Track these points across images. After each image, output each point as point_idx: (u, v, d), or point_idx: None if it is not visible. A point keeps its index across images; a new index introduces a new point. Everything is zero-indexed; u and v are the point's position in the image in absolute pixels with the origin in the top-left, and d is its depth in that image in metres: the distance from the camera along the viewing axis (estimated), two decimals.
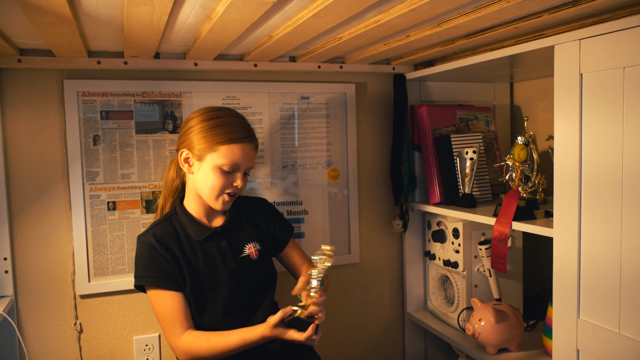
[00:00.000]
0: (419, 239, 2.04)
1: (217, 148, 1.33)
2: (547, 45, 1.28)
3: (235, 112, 1.42)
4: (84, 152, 1.62)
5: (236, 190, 1.38)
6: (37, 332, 1.62)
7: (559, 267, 1.29)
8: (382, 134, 2.00)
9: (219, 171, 1.34)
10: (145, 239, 1.39)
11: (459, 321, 1.81)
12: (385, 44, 1.54)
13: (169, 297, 1.36)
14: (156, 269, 1.36)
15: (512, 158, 1.56)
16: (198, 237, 1.41)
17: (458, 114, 1.95)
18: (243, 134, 1.36)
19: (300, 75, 1.86)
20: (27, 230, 1.59)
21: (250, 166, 1.40)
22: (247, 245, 1.48)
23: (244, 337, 1.31)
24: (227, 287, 1.42)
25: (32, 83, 1.56)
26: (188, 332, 1.35)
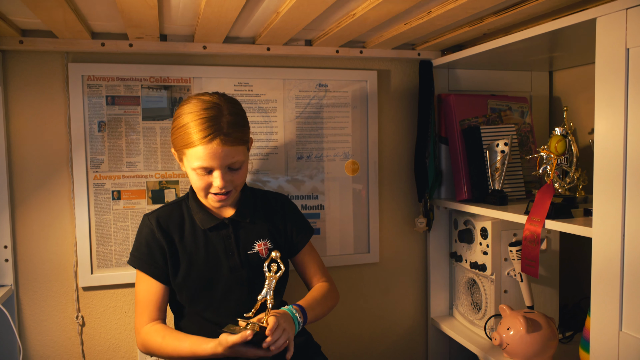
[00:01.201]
0: (444, 239, 1.89)
1: (184, 151, 1.23)
2: (588, 19, 1.13)
3: (210, 103, 1.22)
4: (88, 139, 1.55)
5: (221, 190, 1.25)
6: (39, 324, 1.57)
7: (598, 271, 1.13)
8: (405, 125, 1.86)
9: (195, 172, 1.24)
10: (149, 221, 1.33)
11: (485, 330, 1.65)
12: (406, 24, 1.41)
13: (148, 284, 1.31)
14: (147, 254, 1.31)
15: (548, 150, 1.40)
16: (203, 225, 1.33)
17: (489, 104, 1.80)
18: (203, 133, 1.18)
19: (317, 61, 1.74)
20: (29, 218, 1.54)
21: (228, 163, 1.22)
22: (257, 242, 1.37)
23: (193, 349, 1.20)
24: (226, 283, 1.32)
25: (36, 66, 1.51)
26: (153, 324, 1.29)
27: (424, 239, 1.91)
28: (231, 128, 1.21)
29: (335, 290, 1.47)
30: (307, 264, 1.46)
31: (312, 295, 1.39)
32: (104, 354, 1.62)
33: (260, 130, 1.70)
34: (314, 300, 1.36)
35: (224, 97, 1.26)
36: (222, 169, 1.22)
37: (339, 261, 1.80)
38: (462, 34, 1.52)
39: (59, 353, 1.59)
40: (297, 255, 1.45)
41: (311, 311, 1.32)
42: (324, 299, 1.40)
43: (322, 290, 1.42)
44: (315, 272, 1.46)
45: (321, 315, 1.37)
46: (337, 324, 1.83)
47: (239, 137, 1.23)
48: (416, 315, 1.93)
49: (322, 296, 1.40)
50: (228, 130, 1.20)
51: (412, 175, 1.86)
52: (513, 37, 1.36)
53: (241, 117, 1.27)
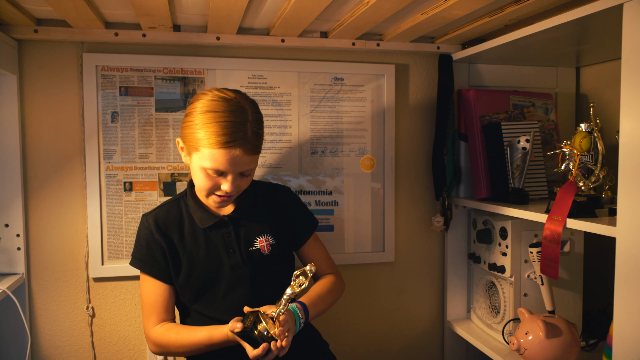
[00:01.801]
0: (462, 239, 1.82)
1: (201, 149, 1.16)
2: (614, 4, 1.06)
3: (236, 105, 1.17)
4: (101, 129, 1.55)
5: (226, 194, 1.21)
6: (49, 314, 1.57)
7: (622, 272, 1.06)
8: (424, 121, 1.81)
9: (204, 172, 1.18)
10: (147, 221, 1.30)
11: (503, 334, 1.58)
12: (423, 13, 1.36)
13: (153, 286, 1.29)
14: (148, 255, 1.28)
15: (571, 145, 1.33)
16: (202, 224, 1.29)
17: (512, 100, 1.73)
18: (228, 137, 1.13)
19: (333, 54, 1.71)
20: (41, 207, 1.54)
21: (243, 170, 1.19)
22: (259, 238, 1.33)
23: (210, 334, 1.19)
24: (229, 281, 1.29)
25: (51, 56, 1.52)
26: (162, 324, 1.27)
27: (441, 239, 1.85)
28: (254, 137, 1.18)
29: (341, 282, 1.43)
30: (313, 256, 1.42)
31: (317, 291, 1.35)
32: (113, 345, 1.62)
33: (274, 124, 1.67)
34: (317, 297, 1.33)
35: (246, 98, 1.22)
36: (235, 175, 1.19)
37: (353, 259, 1.76)
38: (482, 25, 1.46)
39: (69, 343, 1.59)
40: (301, 248, 1.42)
41: (313, 308, 1.29)
42: (328, 294, 1.37)
43: (327, 284, 1.38)
44: (321, 265, 1.43)
45: (324, 310, 1.34)
46: (348, 323, 1.78)
47: (259, 146, 1.21)
48: (432, 318, 1.87)
49: (327, 291, 1.36)
50: (251, 139, 1.17)
51: (429, 172, 1.80)
52: (536, 27, 1.30)
53: (262, 123, 1.24)
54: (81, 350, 1.60)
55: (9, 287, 1.37)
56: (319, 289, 1.36)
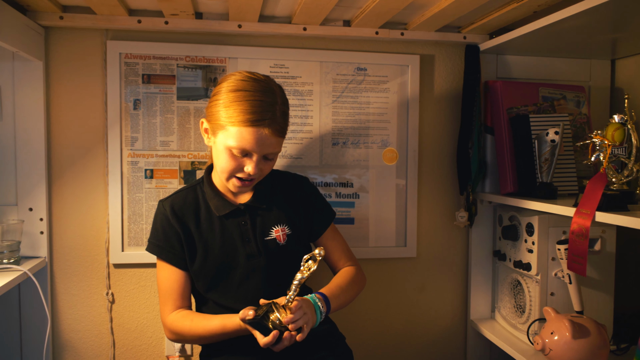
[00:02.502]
0: (487, 235, 1.77)
1: (227, 128, 1.15)
2: None
3: (266, 85, 1.18)
4: (123, 116, 1.56)
5: (248, 177, 1.20)
6: (70, 298, 1.59)
7: None
8: (448, 114, 1.76)
9: (229, 152, 1.17)
10: (163, 207, 1.30)
11: (528, 334, 1.52)
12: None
13: (169, 272, 1.28)
14: (164, 241, 1.28)
15: (602, 136, 1.27)
16: (218, 212, 1.28)
17: (541, 92, 1.67)
18: (258, 116, 1.13)
19: (356, 44, 1.68)
20: (65, 192, 1.56)
21: (270, 152, 1.19)
22: (275, 227, 1.31)
23: (224, 323, 1.18)
24: (243, 270, 1.27)
25: (76, 43, 1.54)
26: (178, 311, 1.27)
27: (465, 235, 1.80)
28: (282, 118, 1.18)
29: (361, 274, 1.39)
30: (331, 248, 1.39)
31: (337, 283, 1.32)
32: (132, 332, 1.63)
33: (295, 114, 1.65)
34: (338, 288, 1.29)
35: (273, 82, 1.22)
36: (260, 156, 1.18)
37: (373, 254, 1.73)
38: (510, 12, 1.41)
39: (88, 328, 1.60)
40: (319, 239, 1.39)
41: (335, 300, 1.25)
42: (350, 286, 1.33)
43: (347, 275, 1.35)
44: (340, 257, 1.39)
45: (346, 303, 1.31)
46: (367, 318, 1.75)
47: (285, 129, 1.21)
48: (454, 316, 1.82)
49: (348, 283, 1.33)
50: (280, 120, 1.17)
51: (454, 166, 1.75)
52: (567, 12, 1.24)
53: (288, 107, 1.24)
54: (100, 335, 1.61)
55: (31, 270, 1.39)
56: (339, 280, 1.33)
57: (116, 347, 1.62)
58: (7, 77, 1.48)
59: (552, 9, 1.38)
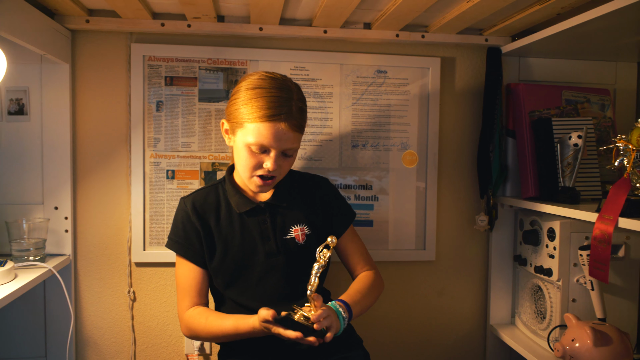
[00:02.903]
0: (508, 239, 1.75)
1: (245, 125, 1.17)
2: None
3: (282, 83, 1.20)
4: (146, 118, 1.59)
5: (269, 173, 1.21)
6: (93, 295, 1.62)
7: None
8: (469, 117, 1.75)
9: (248, 150, 1.19)
10: (184, 204, 1.32)
11: (549, 340, 1.50)
12: (469, 1, 1.31)
13: (188, 269, 1.30)
14: (184, 238, 1.30)
15: (627, 140, 1.24)
16: (239, 209, 1.29)
17: (564, 95, 1.64)
18: (274, 111, 1.14)
19: (376, 47, 1.68)
20: (89, 192, 1.60)
21: (288, 147, 1.20)
22: (294, 227, 1.32)
23: (237, 324, 1.19)
24: (262, 269, 1.29)
25: (102, 46, 1.57)
26: (194, 308, 1.28)
27: (485, 239, 1.78)
28: (298, 113, 1.19)
29: (380, 279, 1.39)
30: (350, 251, 1.39)
31: (356, 288, 1.32)
32: (152, 330, 1.65)
33: (315, 116, 1.66)
34: (358, 294, 1.29)
35: (290, 81, 1.24)
36: (278, 152, 1.19)
37: (392, 256, 1.72)
38: (532, 14, 1.40)
39: (110, 325, 1.64)
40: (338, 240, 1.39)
41: (356, 306, 1.24)
42: (369, 291, 1.32)
43: (366, 281, 1.35)
44: (359, 260, 1.39)
45: (366, 308, 1.30)
46: (386, 321, 1.75)
47: (302, 125, 1.22)
48: (473, 321, 1.80)
49: (367, 288, 1.33)
50: (296, 114, 1.18)
51: (474, 169, 1.74)
52: (592, 13, 1.22)
53: (305, 104, 1.25)
54: (122, 332, 1.64)
55: (55, 267, 1.43)
56: (358, 286, 1.33)
57: (137, 344, 1.65)
58: (35, 79, 1.52)
59: (577, 10, 1.36)
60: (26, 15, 1.26)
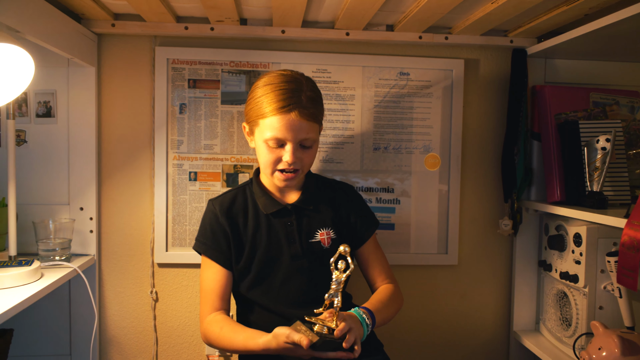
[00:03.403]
0: (533, 244, 1.72)
1: (259, 122, 1.20)
2: None
3: (291, 77, 1.22)
4: (170, 120, 1.61)
5: (289, 167, 1.21)
6: (117, 295, 1.65)
7: None
8: (493, 119, 1.72)
9: (266, 146, 1.21)
10: (213, 206, 1.33)
11: (574, 349, 1.46)
12: (493, 2, 1.29)
13: (213, 271, 1.30)
14: (211, 239, 1.30)
15: None
16: (266, 210, 1.30)
17: (592, 97, 1.61)
18: (282, 103, 1.17)
19: (399, 49, 1.67)
20: (113, 193, 1.62)
21: (303, 138, 1.20)
22: (320, 230, 1.32)
23: (246, 342, 1.17)
24: (287, 271, 1.29)
25: (127, 49, 1.60)
26: (216, 314, 1.27)
27: (509, 244, 1.75)
28: (309, 102, 1.20)
29: (400, 293, 1.38)
30: (372, 262, 1.38)
31: (378, 298, 1.31)
32: (174, 330, 1.67)
33: (336, 118, 1.66)
34: (380, 303, 1.28)
35: (303, 75, 1.25)
36: (295, 144, 1.20)
37: (413, 260, 1.71)
38: (559, 15, 1.37)
39: (133, 325, 1.66)
40: (361, 248, 1.38)
41: (379, 314, 1.24)
42: (390, 302, 1.31)
43: (387, 292, 1.33)
44: (380, 272, 1.38)
45: (387, 320, 1.29)
46: (407, 326, 1.73)
47: (315, 114, 1.22)
48: (496, 327, 1.77)
49: (388, 299, 1.31)
50: (307, 104, 1.19)
51: (498, 172, 1.71)
52: (622, 14, 1.19)
53: (319, 95, 1.26)
54: (144, 332, 1.66)
55: (80, 267, 1.45)
56: (380, 296, 1.32)
57: (159, 344, 1.67)
58: (62, 82, 1.55)
59: (605, 11, 1.33)
60: (54, 20, 1.29)
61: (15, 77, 1.16)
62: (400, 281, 1.70)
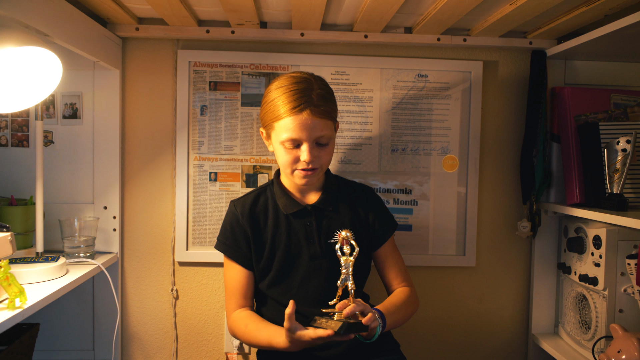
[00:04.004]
0: (552, 247, 1.71)
1: (274, 125, 1.23)
2: None
3: (300, 77, 1.24)
4: (191, 122, 1.64)
5: (307, 165, 1.23)
6: (139, 292, 1.68)
7: None
8: (512, 121, 1.72)
9: (283, 147, 1.23)
10: (235, 207, 1.36)
11: (594, 352, 1.45)
12: (512, 3, 1.29)
13: (235, 271, 1.33)
14: (232, 239, 1.34)
15: None
16: (286, 210, 1.32)
17: (613, 99, 1.59)
18: (294, 104, 1.19)
19: (417, 51, 1.68)
20: (136, 192, 1.66)
21: (318, 136, 1.21)
22: (339, 231, 1.33)
23: (270, 339, 1.21)
24: (306, 270, 1.30)
25: (150, 52, 1.64)
26: (240, 310, 1.31)
27: (528, 246, 1.74)
28: (321, 100, 1.22)
29: (416, 297, 1.38)
30: (389, 264, 1.38)
31: (392, 302, 1.31)
32: (193, 328, 1.70)
33: (354, 120, 1.67)
34: (393, 306, 1.28)
35: (312, 75, 1.27)
36: (311, 142, 1.21)
37: (431, 261, 1.71)
38: (579, 16, 1.36)
39: (154, 322, 1.69)
40: (378, 250, 1.38)
41: (390, 317, 1.24)
42: (405, 306, 1.31)
43: (402, 296, 1.34)
44: (397, 276, 1.38)
45: (400, 322, 1.29)
46: (424, 327, 1.73)
47: (327, 111, 1.23)
48: (515, 329, 1.76)
49: (403, 302, 1.31)
50: (318, 102, 1.21)
51: (516, 174, 1.71)
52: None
53: (330, 93, 1.27)
54: (165, 329, 1.70)
55: (104, 264, 1.49)
56: (394, 299, 1.32)
57: (179, 341, 1.70)
58: (88, 85, 1.60)
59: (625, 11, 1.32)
60: (81, 24, 1.33)
61: (44, 79, 1.21)
62: (418, 282, 1.71)
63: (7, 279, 1.05)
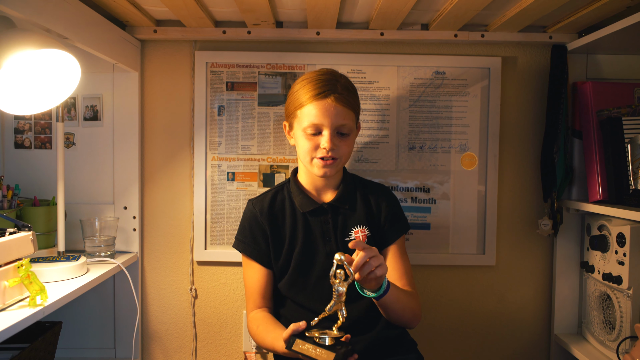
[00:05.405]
0: (574, 245, 1.67)
1: (297, 113, 1.26)
2: None
3: (326, 71, 1.28)
4: (208, 122, 1.66)
5: (327, 154, 1.23)
6: (159, 291, 1.70)
7: None
8: (532, 117, 1.69)
9: (305, 135, 1.25)
10: (253, 206, 1.37)
11: (618, 352, 1.42)
12: None
13: (254, 270, 1.34)
14: (251, 239, 1.34)
15: None
16: (302, 208, 1.33)
17: (637, 93, 1.56)
18: (316, 91, 1.23)
19: (434, 47, 1.66)
20: (155, 193, 1.68)
21: (340, 124, 1.23)
22: (355, 228, 1.33)
23: (274, 342, 1.20)
24: (322, 268, 1.30)
25: (168, 54, 1.66)
26: (257, 311, 1.32)
27: (550, 244, 1.71)
28: (345, 90, 1.25)
29: (419, 305, 1.31)
30: (394, 265, 1.33)
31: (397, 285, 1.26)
32: (212, 327, 1.71)
33: (371, 118, 1.67)
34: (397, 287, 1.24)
35: (337, 71, 1.31)
36: (332, 129, 1.23)
37: (450, 260, 1.69)
38: (600, 9, 1.33)
39: (173, 321, 1.71)
40: (385, 250, 1.35)
41: (394, 290, 1.19)
42: (408, 299, 1.26)
43: (407, 292, 1.29)
44: (401, 277, 1.33)
45: (399, 310, 1.22)
46: (443, 326, 1.71)
47: (351, 101, 1.26)
48: (536, 329, 1.73)
49: (406, 296, 1.26)
50: (342, 91, 1.24)
51: (537, 171, 1.68)
52: None
53: (354, 87, 1.30)
54: (184, 328, 1.71)
55: (124, 263, 1.51)
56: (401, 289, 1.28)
57: (198, 340, 1.71)
58: (108, 87, 1.62)
59: None
60: (100, 27, 1.35)
61: (63, 81, 1.23)
62: (437, 281, 1.70)
63: (28, 277, 1.07)
